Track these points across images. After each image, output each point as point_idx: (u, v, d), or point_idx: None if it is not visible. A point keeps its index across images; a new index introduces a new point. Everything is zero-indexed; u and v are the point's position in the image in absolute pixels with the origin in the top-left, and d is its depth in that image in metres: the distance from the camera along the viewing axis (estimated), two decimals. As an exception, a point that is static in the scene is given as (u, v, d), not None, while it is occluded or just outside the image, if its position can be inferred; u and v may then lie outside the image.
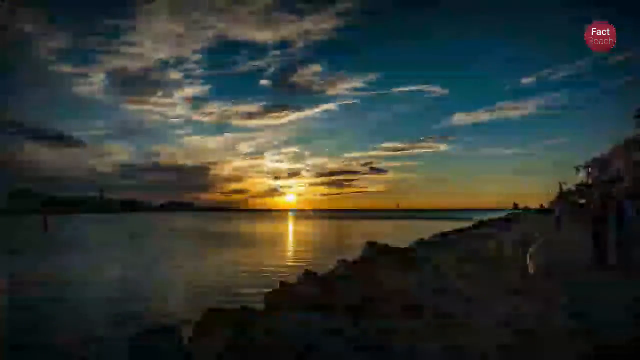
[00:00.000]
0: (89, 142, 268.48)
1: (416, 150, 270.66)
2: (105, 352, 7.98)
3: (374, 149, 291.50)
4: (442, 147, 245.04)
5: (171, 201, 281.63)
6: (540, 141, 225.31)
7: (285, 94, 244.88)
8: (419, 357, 4.23)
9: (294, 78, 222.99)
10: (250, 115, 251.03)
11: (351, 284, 8.82)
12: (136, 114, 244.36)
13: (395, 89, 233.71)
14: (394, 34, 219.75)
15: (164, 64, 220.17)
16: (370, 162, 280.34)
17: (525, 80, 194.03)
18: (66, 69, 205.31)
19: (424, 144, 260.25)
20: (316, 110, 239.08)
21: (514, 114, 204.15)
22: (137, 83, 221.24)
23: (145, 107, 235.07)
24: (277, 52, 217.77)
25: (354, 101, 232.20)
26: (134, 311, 11.13)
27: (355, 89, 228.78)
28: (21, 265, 20.32)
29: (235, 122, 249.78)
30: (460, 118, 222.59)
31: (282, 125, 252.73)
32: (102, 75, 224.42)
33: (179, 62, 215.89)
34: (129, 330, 8.39)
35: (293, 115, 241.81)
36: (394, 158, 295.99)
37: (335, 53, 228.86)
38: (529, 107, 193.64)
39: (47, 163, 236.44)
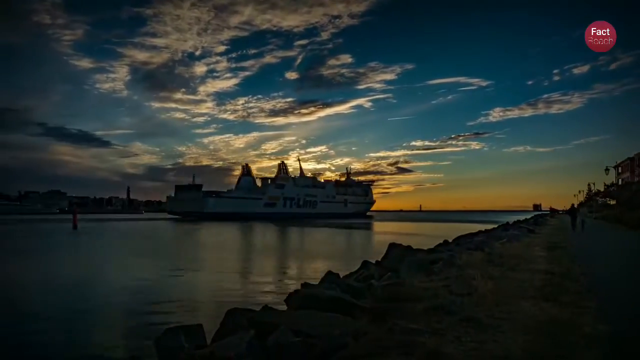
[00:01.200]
0: (113, 142, 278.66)
1: (448, 149, 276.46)
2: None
3: (402, 147, 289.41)
4: (474, 145, 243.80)
5: None
6: (578, 139, 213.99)
7: (313, 88, 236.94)
8: (443, 359, 4.14)
9: (323, 70, 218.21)
10: (276, 113, 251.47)
11: (374, 285, 8.73)
12: (161, 112, 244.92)
13: (431, 81, 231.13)
14: (432, 19, 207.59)
15: (189, 57, 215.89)
16: (397, 162, 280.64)
17: (577, 70, 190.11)
18: (85, 63, 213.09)
19: (454, 142, 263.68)
20: (345, 106, 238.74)
21: (557, 108, 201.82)
22: (161, 78, 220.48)
23: (170, 105, 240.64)
24: (305, 42, 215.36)
25: (385, 96, 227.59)
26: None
27: (387, 82, 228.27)
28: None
29: (261, 120, 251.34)
30: (498, 113, 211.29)
31: (310, 122, 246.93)
32: (123, 70, 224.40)
33: (204, 54, 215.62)
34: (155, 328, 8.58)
35: (321, 112, 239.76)
36: (422, 157, 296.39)
37: (367, 41, 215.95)
38: (575, 100, 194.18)
39: (74, 164, 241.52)
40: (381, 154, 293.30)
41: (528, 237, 22.21)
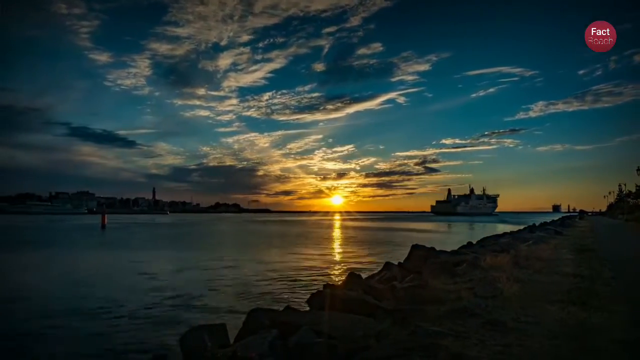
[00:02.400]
0: (138, 141, 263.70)
1: (480, 147, 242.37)
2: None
3: (432, 146, 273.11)
4: (508, 142, 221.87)
5: (217, 202, 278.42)
6: (622, 136, 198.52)
7: (341, 81, 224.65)
8: (468, 364, 4.08)
9: (352, 61, 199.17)
10: (301, 110, 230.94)
11: (397, 286, 8.67)
12: (184, 109, 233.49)
13: (470, 72, 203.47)
14: (472, 0, 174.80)
15: (213, 48, 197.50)
16: (425, 161, 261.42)
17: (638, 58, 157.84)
18: (104, 57, 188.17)
19: (487, 139, 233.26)
20: (374, 101, 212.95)
21: (606, 101, 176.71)
22: (184, 72, 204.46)
23: (194, 102, 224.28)
24: (334, 28, 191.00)
25: (418, 89, 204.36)
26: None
27: (421, 74, 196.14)
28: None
29: (285, 117, 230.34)
30: (540, 108, 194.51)
31: (337, 119, 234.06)
32: (144, 64, 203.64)
33: (228, 44, 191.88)
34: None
35: (349, 109, 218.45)
36: (452, 156, 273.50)
37: (400, 26, 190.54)
38: (627, 92, 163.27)
39: (100, 165, 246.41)
40: (409, 152, 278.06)
41: (555, 239, 21.70)
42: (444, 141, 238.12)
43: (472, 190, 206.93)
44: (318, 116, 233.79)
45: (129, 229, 59.01)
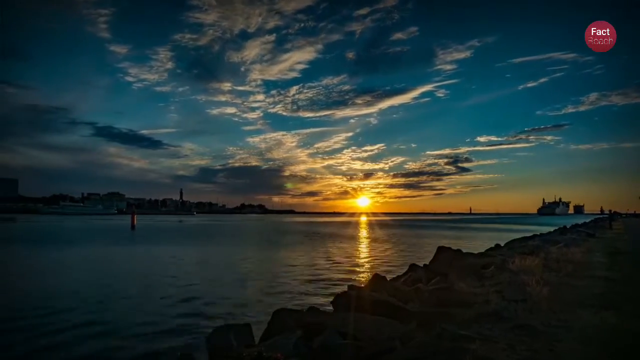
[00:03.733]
0: (164, 141, 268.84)
1: (518, 145, 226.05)
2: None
3: (465, 144, 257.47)
4: (548, 139, 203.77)
5: (242, 203, 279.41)
6: None
7: (373, 72, 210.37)
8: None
9: (385, 49, 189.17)
10: (329, 106, 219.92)
11: (422, 289, 8.58)
12: (209, 106, 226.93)
13: (515, 60, 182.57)
14: None
15: (240, 35, 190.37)
16: (457, 161, 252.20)
17: None
18: (124, 50, 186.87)
19: (525, 136, 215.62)
20: (407, 95, 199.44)
21: None
22: (208, 65, 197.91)
23: (219, 98, 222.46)
24: (367, 10, 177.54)
25: (455, 81, 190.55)
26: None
27: (460, 62, 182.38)
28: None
29: (312, 113, 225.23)
30: (592, 100, 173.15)
31: (367, 115, 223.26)
32: (166, 57, 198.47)
33: (255, 32, 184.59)
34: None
35: (381, 104, 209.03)
36: (486, 154, 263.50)
37: (438, 7, 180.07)
38: None
39: (127, 166, 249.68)
40: (441, 151, 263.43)
41: (587, 241, 21.02)
42: (478, 139, 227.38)
43: (560, 199, 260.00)
44: (347, 112, 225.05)
45: (158, 229, 60.29)
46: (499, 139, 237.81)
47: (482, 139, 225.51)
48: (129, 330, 9.58)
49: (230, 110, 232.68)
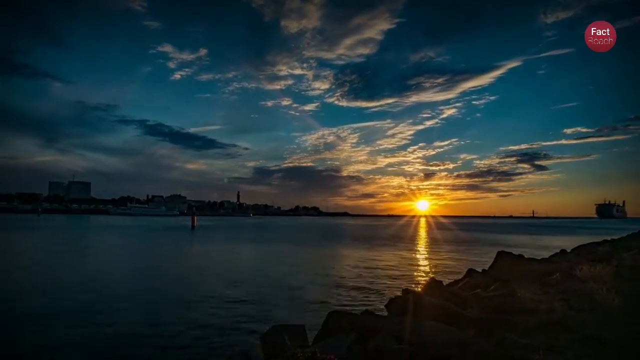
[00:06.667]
0: (218, 140, 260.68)
1: (614, 137, 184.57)
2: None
3: (548, 137, 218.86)
4: None
5: (297, 206, 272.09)
6: None
7: (445, 44, 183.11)
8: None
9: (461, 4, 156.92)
10: (391, 93, 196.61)
11: (481, 295, 8.28)
12: (261, 97, 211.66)
13: None
14: None
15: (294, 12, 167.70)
16: (535, 158, 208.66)
17: None
18: (158, 25, 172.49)
19: (623, 126, 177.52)
20: (488, 75, 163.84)
21: None
22: (256, 41, 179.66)
23: (273, 86, 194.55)
24: None
25: (558, 53, 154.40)
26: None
27: (565, 25, 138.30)
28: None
29: (375, 102, 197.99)
30: None
31: (438, 103, 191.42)
32: (206, 37, 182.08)
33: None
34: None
35: (456, 88, 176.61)
36: (570, 149, 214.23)
37: None
38: None
39: (183, 167, 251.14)
40: (516, 147, 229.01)
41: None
42: (565, 130, 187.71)
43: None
44: (414, 98, 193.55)
45: (219, 230, 62.46)
46: (590, 130, 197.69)
47: (569, 130, 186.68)
48: (185, 326, 9.92)
49: (287, 102, 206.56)
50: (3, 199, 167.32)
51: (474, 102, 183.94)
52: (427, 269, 21.19)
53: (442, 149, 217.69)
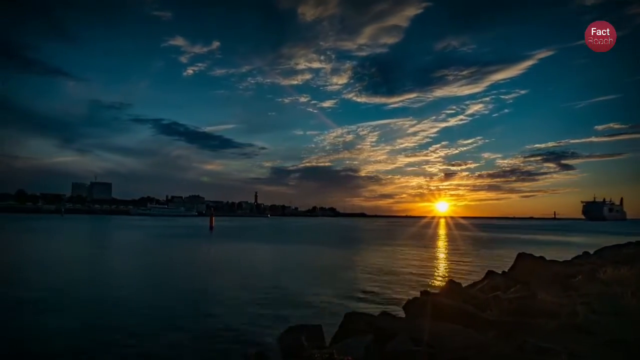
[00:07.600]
0: (235, 140, 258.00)
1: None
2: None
3: (578, 135, 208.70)
4: None
5: (314, 206, 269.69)
6: None
7: (467, 39, 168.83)
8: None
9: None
10: (411, 88, 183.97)
11: (501, 297, 8.16)
12: (279, 93, 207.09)
13: None
14: None
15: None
16: (561, 156, 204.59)
17: None
18: (168, 15, 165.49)
19: None
20: (516, 67, 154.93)
21: None
22: (273, 29, 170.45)
23: (291, 81, 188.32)
24: None
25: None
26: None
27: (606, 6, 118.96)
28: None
29: (396, 98, 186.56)
30: None
31: (463, 99, 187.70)
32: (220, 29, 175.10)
33: None
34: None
35: (483, 81, 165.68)
36: (601, 147, 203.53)
37: None
38: None
39: (199, 168, 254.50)
40: (543, 145, 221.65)
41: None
42: (597, 127, 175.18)
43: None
44: (438, 93, 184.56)
45: (236, 231, 62.94)
46: (624, 126, 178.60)
47: (600, 127, 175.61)
48: (203, 326, 10.01)
49: (304, 98, 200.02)
50: (29, 200, 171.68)
51: (502, 97, 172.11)
52: (445, 270, 20.98)
53: (465, 148, 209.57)
